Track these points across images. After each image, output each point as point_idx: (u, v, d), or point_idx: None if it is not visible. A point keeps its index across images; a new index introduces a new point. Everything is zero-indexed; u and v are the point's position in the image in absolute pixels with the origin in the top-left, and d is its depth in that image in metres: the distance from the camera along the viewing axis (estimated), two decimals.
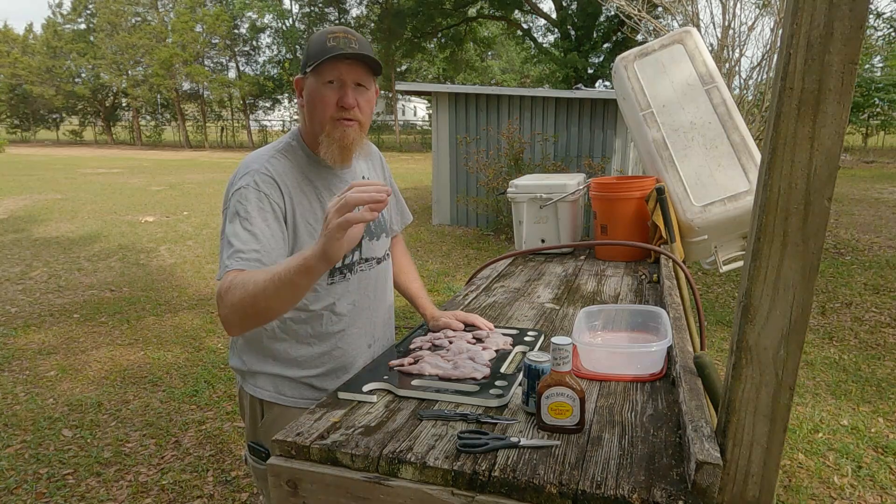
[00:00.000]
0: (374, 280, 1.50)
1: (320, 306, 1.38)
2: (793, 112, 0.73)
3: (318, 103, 1.29)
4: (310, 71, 1.28)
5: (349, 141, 1.31)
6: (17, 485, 2.70)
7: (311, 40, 1.31)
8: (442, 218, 9.58)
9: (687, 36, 2.58)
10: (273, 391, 1.42)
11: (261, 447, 1.43)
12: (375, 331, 1.52)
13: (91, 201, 11.52)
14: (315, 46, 1.27)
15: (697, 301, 1.86)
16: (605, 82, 22.18)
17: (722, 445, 0.83)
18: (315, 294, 1.37)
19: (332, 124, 1.30)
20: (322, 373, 1.43)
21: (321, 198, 1.36)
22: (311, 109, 1.31)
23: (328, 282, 1.38)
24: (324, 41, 1.26)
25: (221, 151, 31.21)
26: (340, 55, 1.24)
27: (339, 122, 1.29)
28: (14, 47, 35.50)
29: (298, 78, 1.34)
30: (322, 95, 1.28)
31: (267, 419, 1.42)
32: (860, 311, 5.13)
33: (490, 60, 38.29)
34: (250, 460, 1.48)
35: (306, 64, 1.29)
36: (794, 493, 2.65)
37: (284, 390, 1.42)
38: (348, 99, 1.27)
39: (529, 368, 1.07)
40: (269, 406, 1.42)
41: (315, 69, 1.27)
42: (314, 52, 1.27)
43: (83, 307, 5.32)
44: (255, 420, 1.45)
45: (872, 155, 22.23)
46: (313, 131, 1.34)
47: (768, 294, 0.78)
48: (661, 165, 2.49)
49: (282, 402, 1.41)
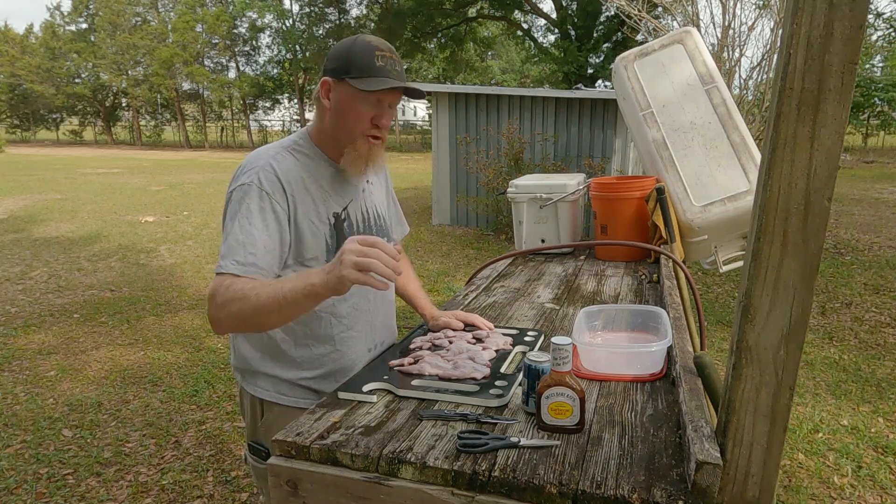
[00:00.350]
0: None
1: (321, 308, 1.37)
2: (793, 112, 0.73)
3: (352, 115, 1.29)
4: (354, 85, 1.25)
5: (374, 157, 1.34)
6: (17, 485, 2.70)
7: (352, 49, 1.27)
8: (442, 218, 9.58)
9: (687, 36, 2.58)
10: (273, 391, 1.42)
11: (261, 446, 1.43)
12: (375, 335, 1.52)
13: (91, 201, 11.52)
14: (361, 59, 1.25)
15: (697, 301, 1.86)
16: (605, 82, 22.17)
17: (722, 445, 0.83)
18: None
19: (362, 139, 1.31)
20: (321, 375, 1.42)
21: (325, 197, 1.36)
22: (340, 117, 1.30)
23: None
24: (371, 57, 1.25)
25: (221, 151, 31.22)
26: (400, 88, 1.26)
27: (368, 138, 1.31)
28: (14, 47, 35.50)
29: (329, 80, 1.30)
30: (358, 110, 1.28)
31: (267, 419, 1.42)
32: (860, 311, 5.13)
33: (490, 60, 38.28)
34: (250, 459, 1.48)
35: (345, 71, 1.26)
36: (794, 493, 2.65)
37: (284, 391, 1.42)
38: (385, 121, 1.30)
39: (529, 368, 1.07)
40: (269, 406, 1.42)
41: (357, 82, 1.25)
42: (360, 65, 1.25)
43: (83, 307, 5.32)
44: (255, 419, 1.45)
45: (872, 155, 22.23)
46: (334, 136, 1.34)
47: (768, 294, 0.78)
48: (661, 165, 2.49)
49: (282, 402, 1.41)
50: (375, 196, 1.52)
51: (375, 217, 1.50)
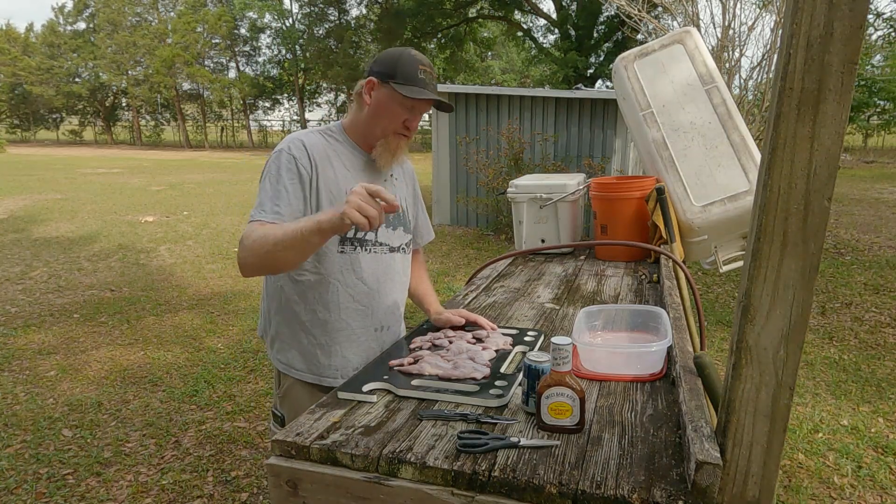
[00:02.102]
0: (385, 266, 1.58)
1: (328, 272, 1.49)
2: (793, 112, 0.73)
3: (388, 115, 1.47)
4: (397, 90, 1.43)
5: (401, 151, 1.54)
6: (17, 485, 2.70)
7: (400, 58, 1.45)
8: (442, 218, 9.58)
9: (687, 36, 2.58)
10: (286, 364, 1.56)
11: (279, 413, 1.60)
12: (382, 316, 1.59)
13: (91, 201, 11.51)
14: (407, 69, 1.44)
15: (697, 301, 1.86)
16: (605, 82, 22.16)
17: (722, 445, 0.83)
18: (326, 259, 1.49)
19: (393, 136, 1.50)
20: (327, 342, 1.52)
21: (347, 176, 1.50)
22: (377, 114, 1.48)
23: (339, 250, 1.49)
24: (416, 69, 1.44)
25: (221, 151, 31.22)
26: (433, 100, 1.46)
27: (398, 135, 1.50)
28: (15, 46, 35.50)
29: (375, 81, 1.47)
30: (395, 111, 1.47)
31: (283, 388, 1.59)
32: (860, 311, 5.12)
33: (490, 61, 38.27)
34: (271, 425, 1.65)
35: (390, 76, 1.44)
36: (794, 493, 2.65)
37: (294, 363, 1.55)
38: (415, 124, 1.51)
39: (529, 368, 1.07)
40: (284, 377, 1.58)
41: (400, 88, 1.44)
42: (405, 74, 1.43)
43: (83, 307, 5.32)
44: (276, 387, 1.62)
45: (872, 155, 22.23)
46: (368, 130, 1.51)
47: (768, 294, 0.78)
48: (661, 165, 2.49)
49: (292, 374, 1.56)
50: (398, 189, 1.64)
51: None
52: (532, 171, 8.25)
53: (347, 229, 1.20)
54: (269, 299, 1.59)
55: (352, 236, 1.51)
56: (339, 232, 1.23)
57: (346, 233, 1.41)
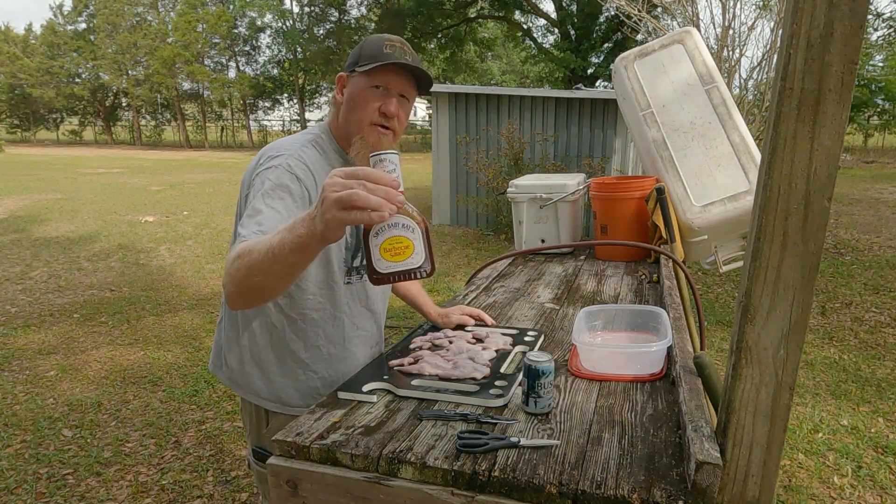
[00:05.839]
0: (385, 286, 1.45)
1: (335, 307, 1.37)
2: (793, 112, 0.73)
3: (361, 104, 1.29)
4: (360, 71, 1.27)
5: (381, 148, 1.28)
6: (17, 485, 2.70)
7: (365, 42, 1.31)
8: (442, 218, 9.58)
9: (687, 36, 2.58)
10: (276, 402, 1.40)
11: (267, 452, 1.41)
12: (378, 334, 1.53)
13: (91, 201, 11.51)
14: (370, 49, 1.28)
15: (697, 301, 1.86)
16: (605, 82, 22.16)
17: (722, 445, 0.83)
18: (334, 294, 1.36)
19: (369, 129, 1.29)
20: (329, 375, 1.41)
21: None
22: (350, 109, 1.31)
23: (345, 281, 1.37)
24: (381, 46, 1.27)
25: (221, 151, 31.21)
26: (397, 63, 1.25)
27: (375, 127, 1.30)
28: (14, 46, 35.49)
29: (343, 75, 1.33)
30: (366, 98, 1.28)
31: (273, 427, 1.40)
32: (860, 311, 5.12)
33: (490, 61, 38.27)
34: (254, 465, 1.47)
35: (356, 63, 1.29)
36: (794, 493, 2.65)
37: (290, 399, 1.40)
38: (391, 107, 1.28)
39: (529, 368, 1.07)
40: (273, 415, 1.41)
41: (366, 71, 1.27)
42: (368, 53, 1.28)
43: (83, 307, 5.32)
44: (259, 427, 1.44)
45: (872, 155, 22.23)
46: (347, 129, 1.33)
47: (768, 294, 0.78)
48: (661, 165, 2.49)
49: (284, 412, 1.40)
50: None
51: None
52: (532, 171, 8.25)
53: (338, 239, 0.88)
54: (248, 335, 1.38)
55: (358, 265, 1.39)
56: (331, 241, 0.89)
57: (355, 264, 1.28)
